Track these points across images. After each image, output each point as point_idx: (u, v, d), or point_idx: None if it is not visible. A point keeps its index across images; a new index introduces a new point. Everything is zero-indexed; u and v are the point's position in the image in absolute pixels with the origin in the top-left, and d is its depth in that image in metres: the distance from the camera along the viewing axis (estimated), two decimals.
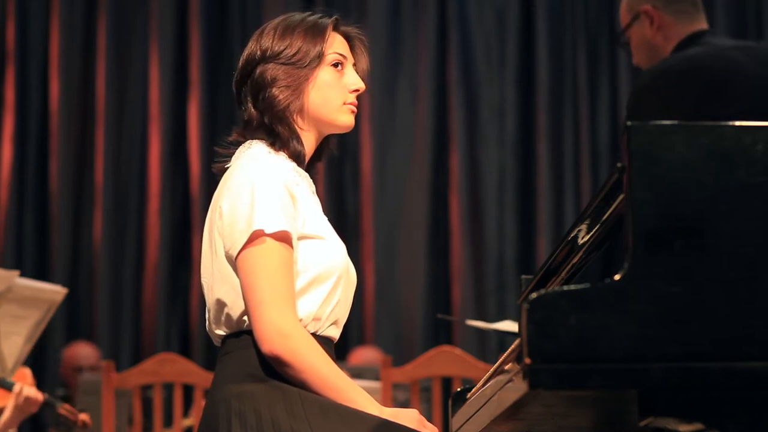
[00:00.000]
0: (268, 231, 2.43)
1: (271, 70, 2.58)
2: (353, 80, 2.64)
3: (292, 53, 2.59)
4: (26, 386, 4.13)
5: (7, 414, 4.10)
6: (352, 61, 2.67)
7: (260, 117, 2.59)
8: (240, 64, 2.64)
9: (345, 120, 2.64)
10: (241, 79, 2.63)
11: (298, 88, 2.58)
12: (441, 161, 8.05)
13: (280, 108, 2.57)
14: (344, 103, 2.63)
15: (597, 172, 7.98)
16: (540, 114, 8.04)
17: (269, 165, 2.51)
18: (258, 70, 2.59)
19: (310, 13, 2.68)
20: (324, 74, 2.61)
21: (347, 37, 2.68)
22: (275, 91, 2.57)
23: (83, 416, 4.30)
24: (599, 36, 8.16)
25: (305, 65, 2.59)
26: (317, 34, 2.62)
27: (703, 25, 3.82)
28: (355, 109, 2.66)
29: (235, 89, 2.66)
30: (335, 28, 2.66)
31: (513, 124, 8.08)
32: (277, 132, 2.57)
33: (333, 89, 2.62)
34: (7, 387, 4.12)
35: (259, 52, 2.60)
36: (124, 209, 7.91)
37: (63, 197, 7.87)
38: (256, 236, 2.44)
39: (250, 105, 2.61)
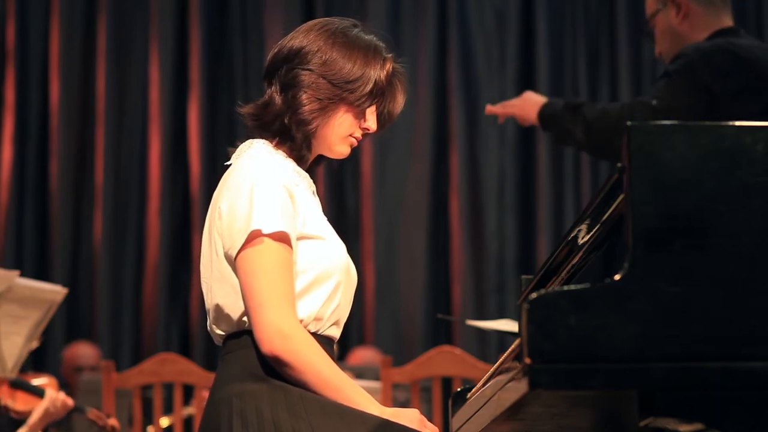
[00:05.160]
0: (266, 231, 2.42)
1: (316, 78, 2.53)
2: (371, 122, 2.60)
3: (346, 77, 2.54)
4: (60, 393, 4.29)
5: (35, 417, 4.17)
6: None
7: (282, 108, 2.54)
8: (288, 46, 2.56)
9: (341, 150, 2.60)
10: (281, 62, 2.56)
11: (327, 107, 2.54)
12: (441, 161, 8.05)
13: (302, 117, 2.53)
14: (350, 135, 2.60)
15: (597, 172, 7.98)
16: None
17: (268, 165, 2.50)
18: (301, 69, 2.54)
19: (372, 35, 2.63)
20: (353, 109, 2.57)
21: (389, 75, 2.63)
22: (305, 98, 2.53)
23: (112, 421, 4.34)
24: (599, 36, 8.16)
25: (349, 95, 2.54)
26: (376, 67, 2.57)
27: (730, 21, 3.86)
28: (356, 143, 2.63)
29: (269, 64, 2.58)
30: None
31: (513, 124, 8.05)
32: (292, 134, 2.54)
33: (350, 123, 2.58)
34: (38, 393, 4.22)
35: (313, 55, 2.54)
36: (124, 209, 7.91)
37: (63, 197, 7.86)
38: (254, 236, 2.43)
39: (275, 89, 2.56)
